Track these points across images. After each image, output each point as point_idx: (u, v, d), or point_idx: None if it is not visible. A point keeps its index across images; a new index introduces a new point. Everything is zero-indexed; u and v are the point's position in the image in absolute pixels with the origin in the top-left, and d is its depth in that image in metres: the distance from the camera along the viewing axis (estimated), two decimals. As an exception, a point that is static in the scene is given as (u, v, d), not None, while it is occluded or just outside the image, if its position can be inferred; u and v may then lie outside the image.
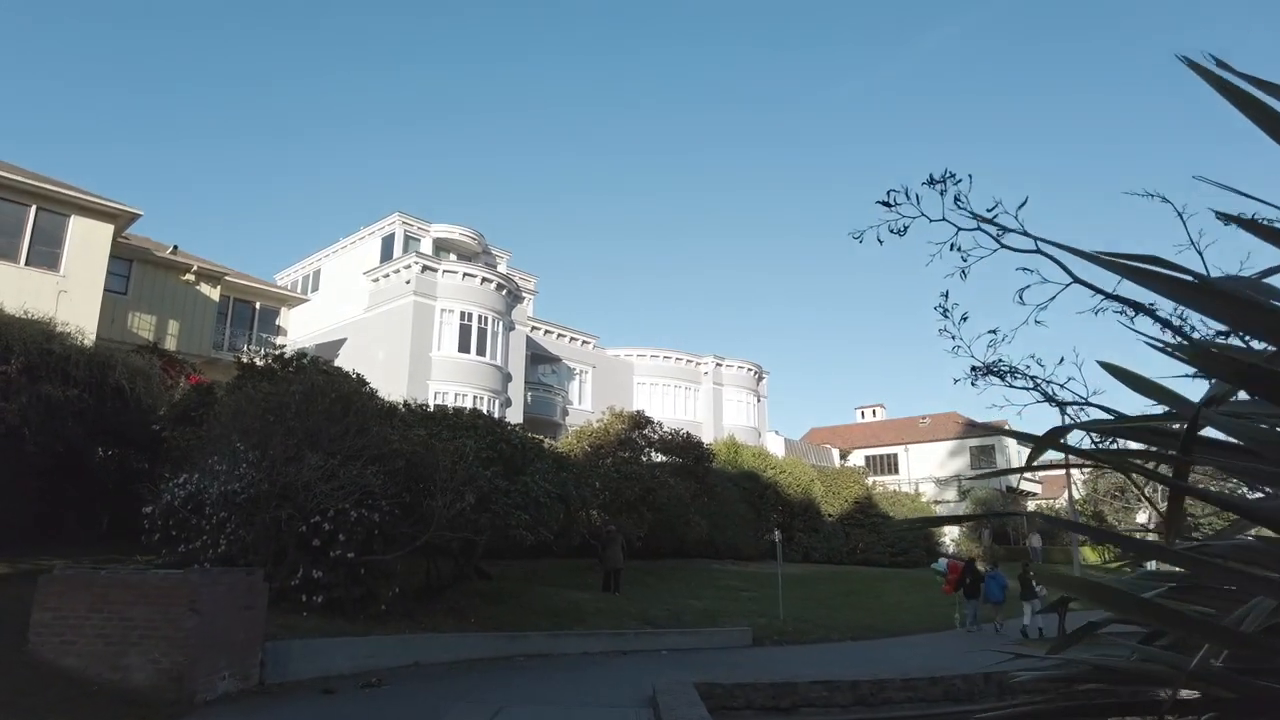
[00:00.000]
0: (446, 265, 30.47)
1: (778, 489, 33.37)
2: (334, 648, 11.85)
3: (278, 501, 12.53)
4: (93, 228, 22.01)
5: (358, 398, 12.23)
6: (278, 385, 12.28)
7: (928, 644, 17.60)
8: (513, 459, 14.93)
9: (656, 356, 42.92)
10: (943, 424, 57.95)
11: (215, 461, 12.80)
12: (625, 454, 23.89)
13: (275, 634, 11.57)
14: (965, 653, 15.85)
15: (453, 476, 13.12)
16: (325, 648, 11.67)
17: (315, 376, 12.63)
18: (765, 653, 15.49)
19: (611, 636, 15.04)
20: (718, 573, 25.82)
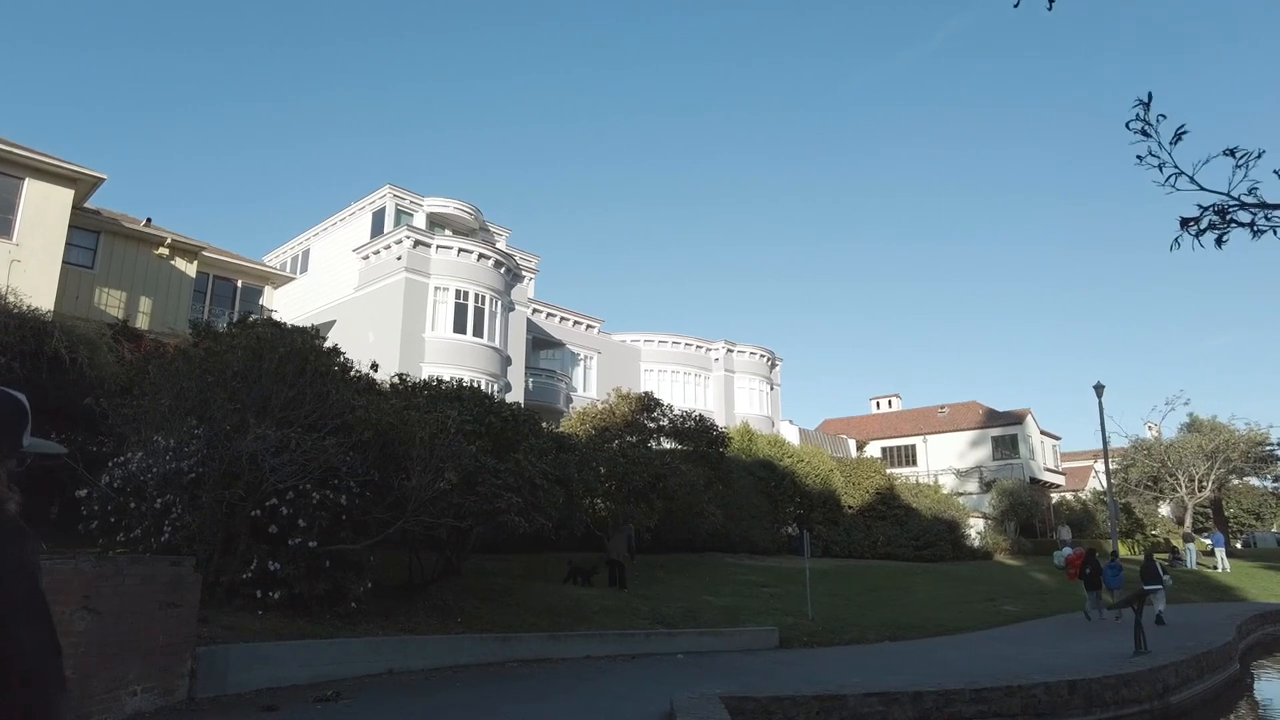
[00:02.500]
0: (440, 240, 28.52)
1: (795, 479, 31.37)
2: (287, 653, 9.92)
3: (226, 481, 10.63)
4: (50, 192, 20.15)
5: (316, 356, 10.28)
6: (220, 342, 10.35)
7: (975, 643, 15.61)
8: (503, 434, 12.98)
9: (665, 342, 40.93)
10: (962, 414, 55.82)
11: (160, 438, 10.91)
12: (632, 438, 21.92)
13: (216, 636, 9.68)
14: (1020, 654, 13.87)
15: (431, 452, 11.18)
16: (276, 653, 9.75)
17: (262, 329, 10.70)
18: (795, 656, 13.53)
19: (619, 638, 13.10)
20: (733, 567, 23.86)
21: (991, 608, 21.75)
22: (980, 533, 38.69)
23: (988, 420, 54.34)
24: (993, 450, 53.25)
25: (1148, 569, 18.74)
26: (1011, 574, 31.10)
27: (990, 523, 40.57)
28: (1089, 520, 44.87)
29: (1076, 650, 14.46)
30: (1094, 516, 45.36)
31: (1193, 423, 44.11)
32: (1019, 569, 33.19)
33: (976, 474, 51.83)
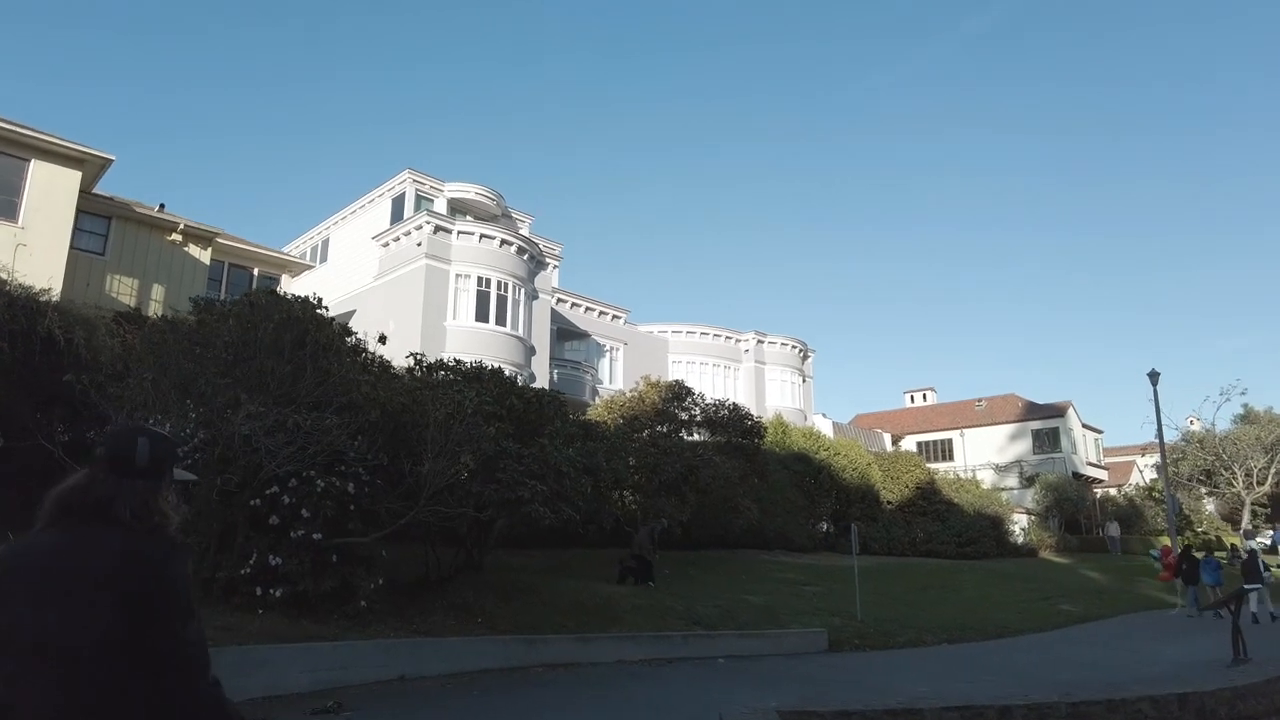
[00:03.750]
0: (462, 226, 27.53)
1: (832, 473, 30.03)
2: (287, 657, 8.91)
3: (220, 466, 9.63)
4: (57, 174, 19.40)
5: (317, 327, 9.23)
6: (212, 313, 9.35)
7: (1042, 646, 14.28)
8: (526, 417, 11.90)
9: (693, 333, 39.68)
10: (1000, 407, 53.98)
11: (156, 421, 9.94)
12: (663, 427, 20.76)
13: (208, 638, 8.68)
14: (1098, 659, 12.53)
15: (447, 435, 10.10)
16: (274, 657, 8.73)
17: (256, 297, 9.68)
18: (847, 660, 12.30)
19: (653, 640, 11.95)
20: (770, 564, 22.61)
21: (1048, 607, 20.34)
22: (1024, 529, 37.05)
23: (1027, 413, 52.47)
24: (1033, 444, 51.39)
25: (1250, 566, 17.42)
26: (1062, 572, 29.55)
27: (1034, 519, 38.89)
28: (1137, 516, 42.96)
29: (1159, 655, 13.10)
30: (1142, 512, 43.44)
31: (1248, 414, 42.06)
32: (1068, 567, 31.61)
33: (1016, 469, 50.04)
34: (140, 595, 1.77)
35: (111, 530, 1.85)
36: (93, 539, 1.83)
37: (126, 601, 1.75)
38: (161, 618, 1.78)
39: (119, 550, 1.82)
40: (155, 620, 1.77)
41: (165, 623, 1.78)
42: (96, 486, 1.90)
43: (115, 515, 1.86)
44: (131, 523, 1.87)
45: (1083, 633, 16.59)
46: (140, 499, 1.90)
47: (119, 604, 1.75)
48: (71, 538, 1.83)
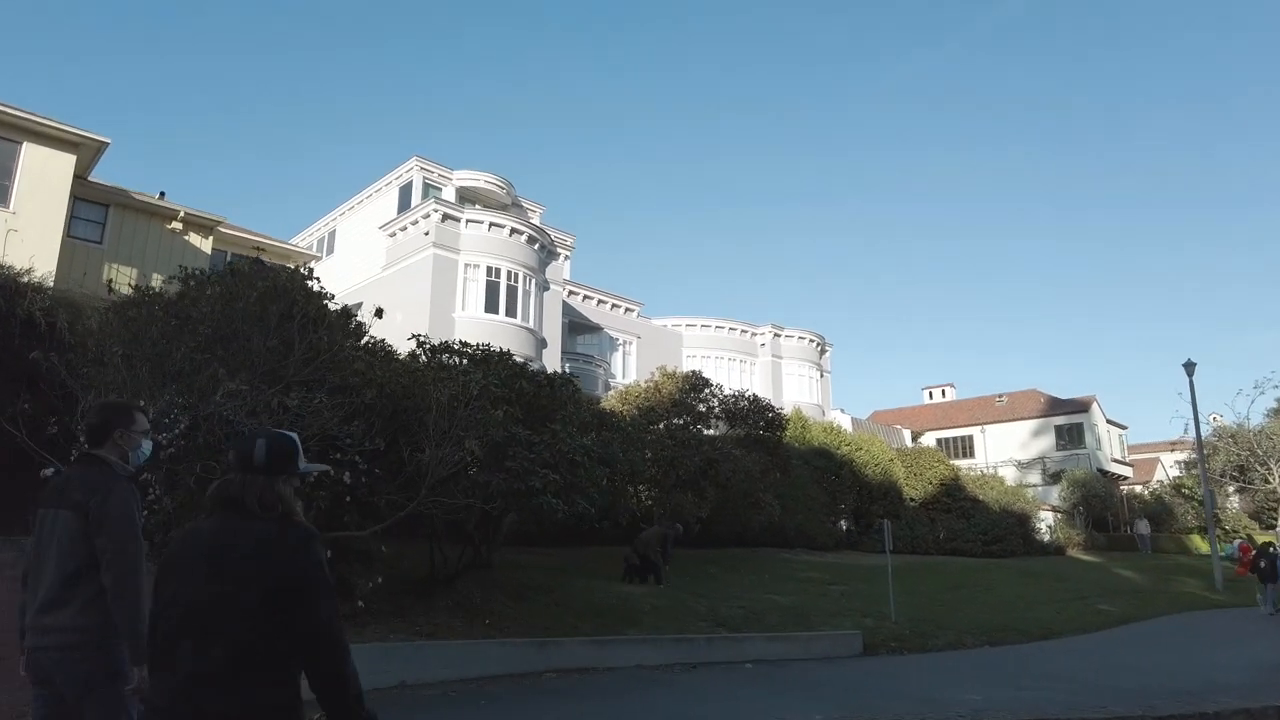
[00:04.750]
0: (471, 214, 26.73)
1: (854, 468, 29.03)
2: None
3: (204, 453, 8.79)
4: (50, 158, 18.72)
5: (305, 298, 8.38)
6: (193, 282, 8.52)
7: (1090, 649, 13.30)
8: (536, 402, 11.03)
9: (708, 326, 38.77)
10: (1022, 402, 52.76)
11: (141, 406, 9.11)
12: (679, 420, 19.85)
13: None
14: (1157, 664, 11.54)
15: (451, 419, 9.23)
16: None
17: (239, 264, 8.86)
18: (885, 665, 11.36)
19: (675, 643, 11.04)
20: (792, 563, 21.67)
21: (1085, 607, 19.31)
22: (1051, 527, 35.90)
23: (1050, 408, 51.26)
24: (1056, 440, 50.19)
25: None
26: (1094, 570, 28.45)
27: (1060, 516, 37.71)
28: (1166, 514, 41.65)
29: (1221, 659, 12.09)
30: (1171, 510, 42.13)
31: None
32: (1100, 565, 30.50)
33: (1039, 465, 48.86)
34: (280, 575, 2.07)
35: (251, 519, 2.17)
36: (238, 526, 2.17)
37: (267, 579, 2.06)
38: (298, 596, 2.06)
39: (259, 536, 2.14)
40: (293, 598, 2.05)
41: (301, 601, 2.06)
42: (230, 483, 2.24)
43: (245, 507, 2.19)
44: (259, 512, 2.18)
45: (1130, 634, 15.58)
46: (261, 491, 2.21)
47: (261, 581, 2.06)
48: (225, 525, 2.18)
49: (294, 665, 2.07)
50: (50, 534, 3.17)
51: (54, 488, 3.32)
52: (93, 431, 3.39)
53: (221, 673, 2.00)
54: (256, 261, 8.70)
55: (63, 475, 3.46)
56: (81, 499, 3.12)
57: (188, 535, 2.27)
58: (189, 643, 2.04)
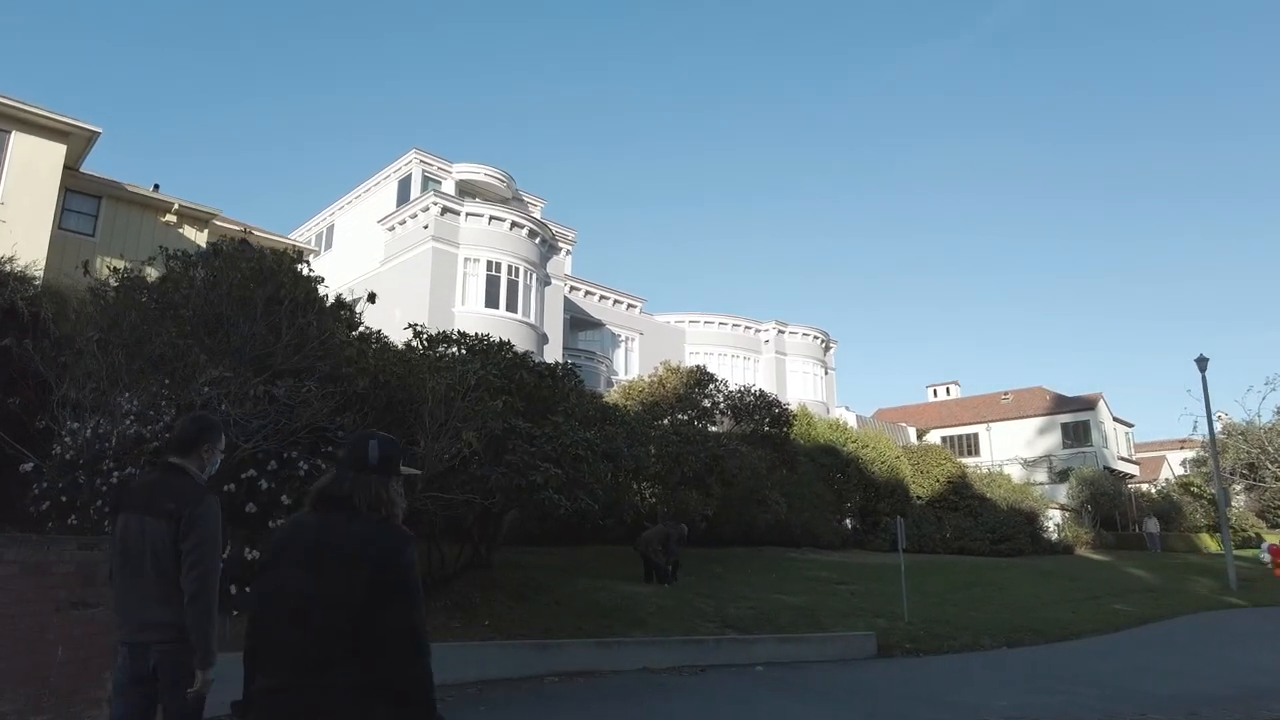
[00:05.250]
0: (470, 207, 26.25)
1: (860, 466, 28.54)
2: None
3: (188, 447, 8.32)
4: (39, 147, 18.27)
5: (293, 281, 7.92)
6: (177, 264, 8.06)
7: (1114, 651, 12.82)
8: (538, 393, 10.57)
9: (711, 323, 38.28)
10: (1028, 400, 52.27)
11: (126, 399, 8.68)
12: (684, 415, 19.39)
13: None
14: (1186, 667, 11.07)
15: (448, 410, 8.78)
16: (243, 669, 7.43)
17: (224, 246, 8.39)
18: (902, 667, 10.89)
19: (682, 645, 10.58)
20: (799, 562, 21.19)
21: (1101, 607, 18.82)
22: (1059, 525, 35.40)
23: (1056, 406, 50.78)
24: (1062, 438, 49.70)
25: None
26: (1105, 570, 27.96)
27: (1069, 514, 37.20)
28: (1175, 512, 41.14)
29: (1254, 663, 11.62)
30: (1180, 508, 41.62)
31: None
32: (1110, 564, 30.01)
33: (1045, 463, 48.37)
34: (377, 575, 2.18)
35: (355, 518, 2.28)
36: (342, 524, 2.27)
37: (366, 578, 2.17)
38: (392, 597, 2.18)
39: (361, 536, 2.24)
40: (388, 598, 2.17)
41: (395, 601, 2.18)
42: (341, 482, 2.33)
43: (355, 505, 2.29)
44: (367, 512, 2.29)
45: (1151, 635, 15.10)
46: (373, 491, 2.31)
47: (361, 580, 2.17)
48: (328, 521, 2.29)
49: (384, 658, 2.17)
50: (141, 538, 3.34)
51: (138, 493, 3.44)
52: (184, 441, 3.52)
53: (321, 662, 2.11)
54: (242, 242, 8.25)
55: (145, 481, 3.55)
56: (174, 508, 3.31)
57: (291, 529, 2.37)
58: (290, 633, 2.16)
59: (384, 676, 2.15)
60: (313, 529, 2.29)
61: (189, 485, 3.41)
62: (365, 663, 2.13)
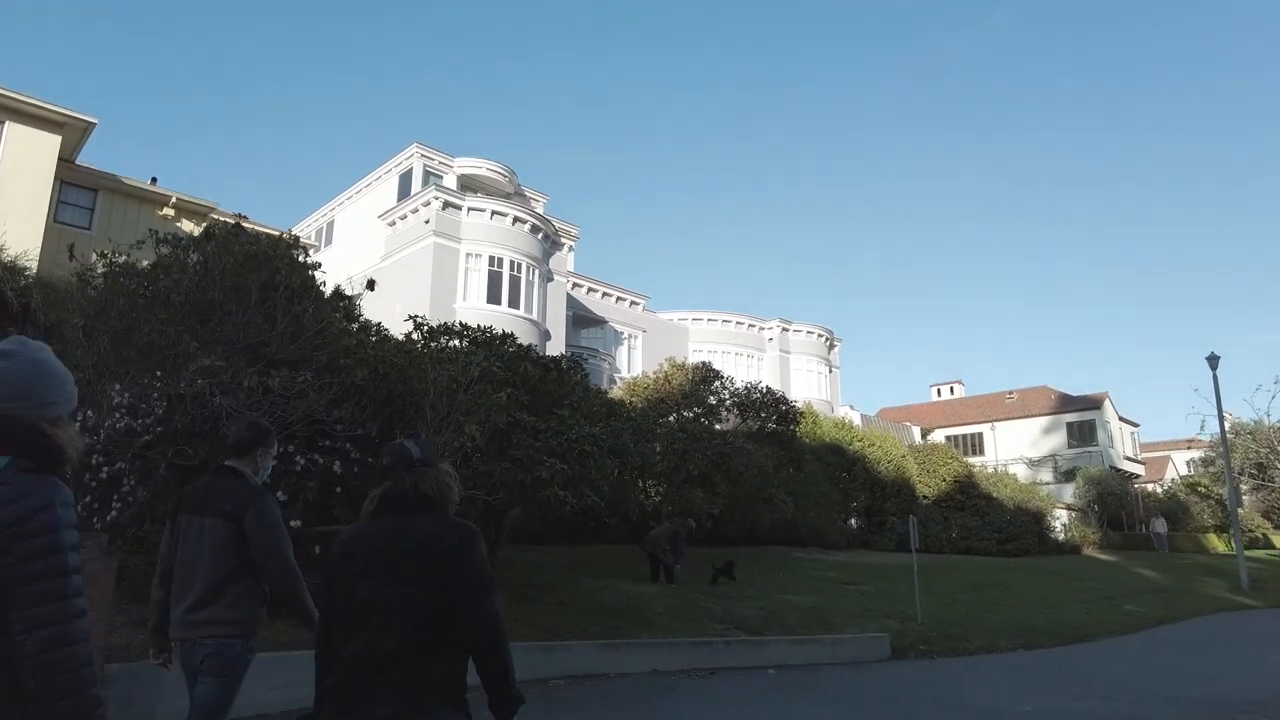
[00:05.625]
0: (472, 202, 25.92)
1: (866, 465, 28.21)
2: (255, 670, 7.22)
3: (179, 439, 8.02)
4: (33, 138, 17.97)
5: (289, 268, 7.59)
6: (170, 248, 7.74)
7: (1131, 653, 12.49)
8: (542, 386, 10.23)
9: (715, 320, 37.94)
10: (1033, 399, 51.92)
11: (117, 390, 8.36)
12: (689, 413, 19.06)
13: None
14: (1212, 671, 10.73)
15: (449, 403, 8.45)
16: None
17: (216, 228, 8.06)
18: (919, 671, 10.55)
19: (691, 647, 10.25)
20: (805, 562, 20.87)
21: (1113, 608, 18.49)
22: (1065, 525, 35.05)
23: (1061, 405, 50.43)
24: (1068, 437, 49.35)
25: None
26: (1114, 570, 27.61)
27: (1075, 514, 36.85)
28: (1182, 512, 40.78)
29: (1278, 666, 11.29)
30: (1187, 508, 41.27)
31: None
32: (1119, 564, 29.64)
33: (1051, 463, 48.03)
34: (449, 570, 2.27)
35: (422, 517, 2.37)
36: (408, 524, 2.35)
37: (439, 573, 2.25)
38: (466, 589, 2.26)
39: (429, 533, 2.33)
40: (466, 593, 2.26)
41: (471, 594, 2.27)
42: (402, 480, 2.41)
43: (424, 497, 2.39)
44: (438, 498, 2.42)
45: (1169, 637, 14.77)
46: (433, 478, 2.43)
47: (433, 575, 2.25)
48: (393, 525, 2.36)
49: (462, 650, 2.25)
50: (198, 539, 3.51)
51: (195, 497, 3.63)
52: (240, 445, 3.69)
53: (399, 650, 2.18)
54: (236, 226, 7.92)
55: (201, 485, 3.72)
56: (231, 510, 3.47)
57: (357, 535, 2.42)
58: (367, 633, 2.21)
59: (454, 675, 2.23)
60: (379, 534, 2.36)
61: (244, 487, 3.58)
62: (436, 661, 2.21)
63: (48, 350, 1.94)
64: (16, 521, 1.66)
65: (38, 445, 1.78)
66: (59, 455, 1.82)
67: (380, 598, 2.23)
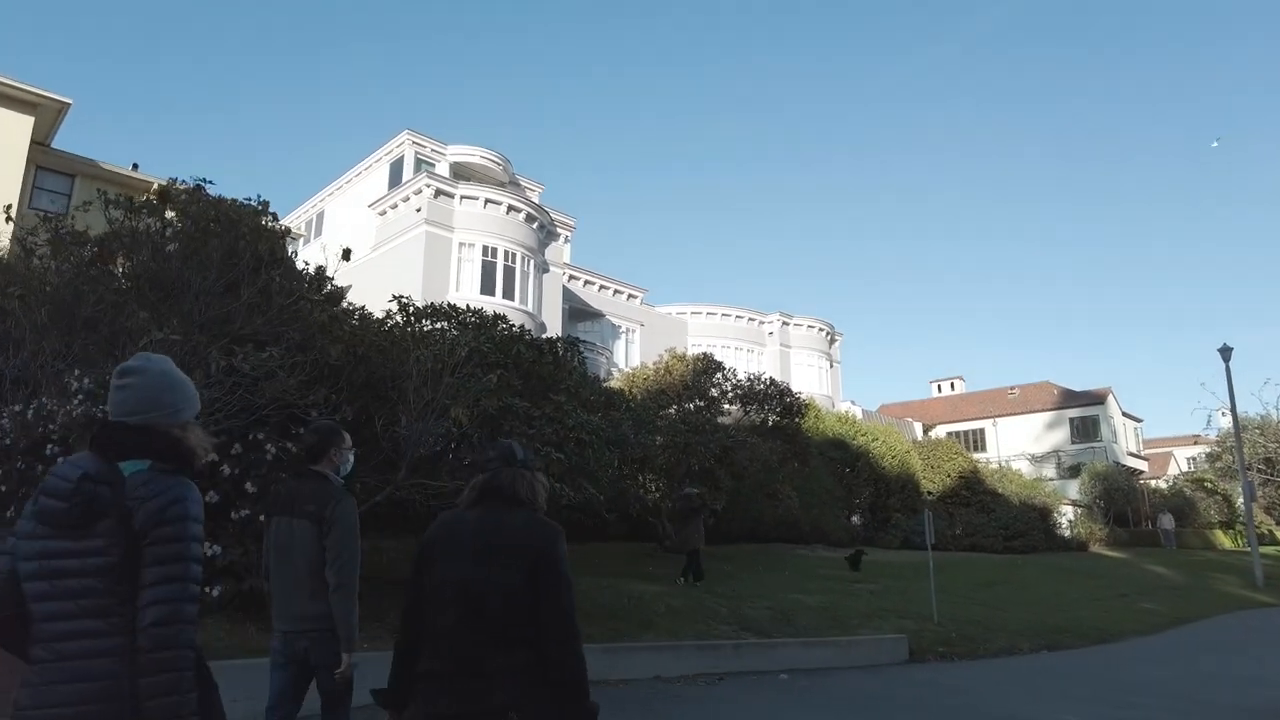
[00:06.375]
0: (465, 190, 25.15)
1: (870, 459, 27.51)
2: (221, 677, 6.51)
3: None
4: (5, 119, 17.19)
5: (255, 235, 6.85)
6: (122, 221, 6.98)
7: (1161, 655, 11.84)
8: (536, 370, 9.50)
9: (714, 314, 37.22)
10: (1035, 395, 51.31)
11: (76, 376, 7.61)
12: (690, 404, 18.34)
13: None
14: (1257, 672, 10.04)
15: (435, 386, 7.71)
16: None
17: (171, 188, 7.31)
18: (941, 675, 9.84)
19: (698, 650, 9.54)
20: (810, 560, 20.17)
21: (1130, 606, 17.82)
22: (1072, 521, 34.40)
23: (1064, 401, 49.82)
24: (1070, 433, 48.75)
25: None
26: (1125, 567, 26.97)
27: (1081, 510, 36.20)
28: (1189, 508, 40.16)
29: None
30: (1194, 504, 40.66)
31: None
32: (1129, 561, 28.99)
33: (1054, 459, 47.42)
34: (535, 563, 2.38)
35: (513, 511, 2.49)
36: (502, 518, 2.47)
37: (525, 565, 2.36)
38: (548, 585, 2.37)
39: (520, 526, 2.45)
40: (545, 585, 2.37)
41: (551, 589, 2.37)
42: (501, 476, 2.52)
43: (517, 495, 2.50)
44: (529, 499, 2.52)
45: (1196, 637, 14.11)
46: (528, 481, 2.55)
47: (521, 566, 2.36)
48: (488, 516, 2.48)
49: (539, 645, 2.34)
50: (290, 539, 3.79)
51: (283, 498, 3.93)
52: (312, 450, 3.94)
53: (501, 636, 2.32)
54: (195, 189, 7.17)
55: (289, 488, 4.00)
56: (315, 509, 3.74)
57: (451, 523, 2.56)
58: (459, 617, 2.35)
59: (538, 663, 2.31)
60: (472, 523, 2.47)
61: (326, 487, 3.83)
62: (522, 651, 2.30)
63: (169, 362, 2.19)
64: (157, 512, 1.92)
65: (172, 449, 2.02)
66: (190, 456, 2.07)
67: (470, 581, 2.35)
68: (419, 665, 2.39)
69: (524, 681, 2.28)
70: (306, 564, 3.73)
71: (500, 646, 2.30)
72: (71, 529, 1.90)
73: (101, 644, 1.88)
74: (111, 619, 1.90)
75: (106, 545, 1.90)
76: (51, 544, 1.91)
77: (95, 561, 1.90)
